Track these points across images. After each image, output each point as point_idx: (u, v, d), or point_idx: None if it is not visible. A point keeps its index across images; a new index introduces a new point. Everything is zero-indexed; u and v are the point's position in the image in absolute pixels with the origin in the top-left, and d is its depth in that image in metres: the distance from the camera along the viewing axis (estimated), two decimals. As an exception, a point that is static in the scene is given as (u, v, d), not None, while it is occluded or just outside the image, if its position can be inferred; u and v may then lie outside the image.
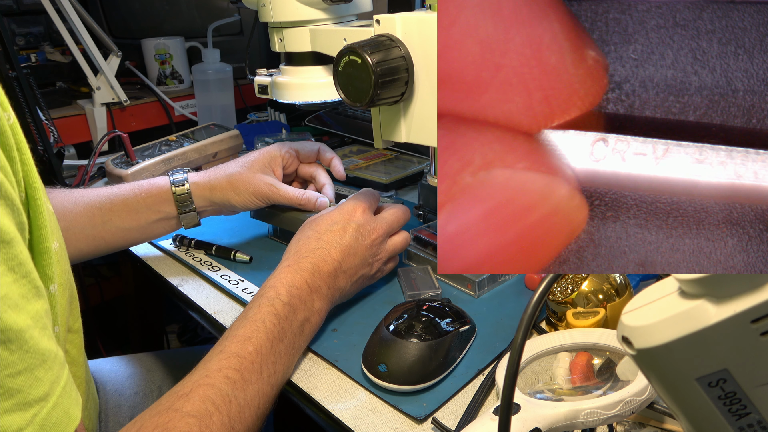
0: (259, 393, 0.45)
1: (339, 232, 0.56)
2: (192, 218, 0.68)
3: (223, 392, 0.43)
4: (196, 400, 0.41)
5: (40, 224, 0.37)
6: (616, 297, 0.50)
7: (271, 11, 0.60)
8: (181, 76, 1.26)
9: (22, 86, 0.91)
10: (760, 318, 0.22)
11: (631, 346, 0.25)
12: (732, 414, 0.24)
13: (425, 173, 0.78)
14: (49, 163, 0.94)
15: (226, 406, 0.42)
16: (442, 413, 0.46)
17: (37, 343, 0.32)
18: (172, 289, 0.67)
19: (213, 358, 0.45)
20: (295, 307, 0.50)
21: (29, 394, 0.31)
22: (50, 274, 0.38)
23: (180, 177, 0.67)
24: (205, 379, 0.43)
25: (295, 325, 0.50)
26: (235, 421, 0.42)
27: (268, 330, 0.47)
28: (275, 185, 0.67)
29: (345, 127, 1.10)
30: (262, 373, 0.46)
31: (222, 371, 0.44)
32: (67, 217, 0.64)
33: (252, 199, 0.67)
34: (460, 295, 0.62)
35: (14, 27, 1.23)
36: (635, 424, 0.44)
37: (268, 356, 0.47)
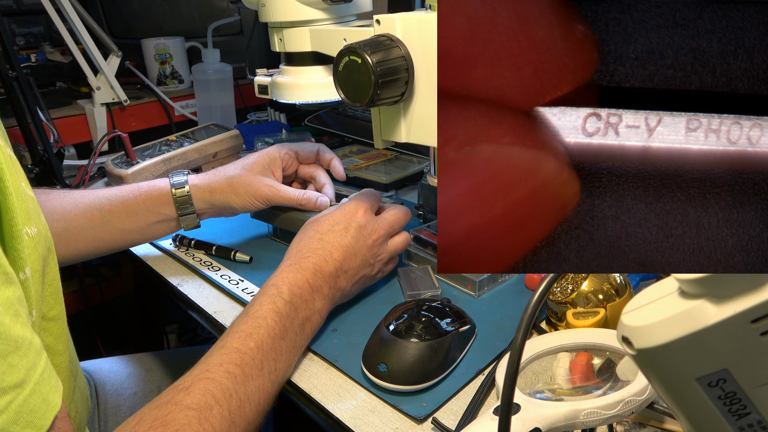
0: (260, 389, 0.45)
1: (340, 232, 0.56)
2: (192, 220, 0.68)
3: (224, 386, 0.43)
4: (197, 393, 0.42)
5: (10, 206, 0.36)
6: (616, 297, 0.50)
7: (271, 11, 0.60)
8: (181, 76, 1.26)
9: (22, 86, 0.91)
10: (760, 318, 0.22)
11: (631, 346, 0.25)
12: (732, 414, 0.24)
13: (425, 173, 0.78)
14: (49, 163, 0.94)
15: (227, 400, 0.42)
16: (442, 413, 0.46)
17: (9, 329, 0.32)
18: (172, 289, 0.67)
19: (214, 354, 0.46)
20: (296, 306, 0.50)
21: (3, 380, 0.31)
22: (22, 259, 0.38)
23: (180, 179, 0.67)
24: (206, 374, 0.43)
25: (296, 323, 0.50)
26: (236, 415, 0.42)
27: (269, 327, 0.48)
28: (275, 187, 0.67)
29: (345, 127, 1.10)
30: (263, 369, 0.46)
31: (223, 366, 0.44)
32: (67, 218, 0.64)
33: (252, 201, 0.67)
34: (460, 295, 0.62)
35: (14, 27, 1.23)
36: (635, 424, 0.44)
37: (269, 353, 0.47)
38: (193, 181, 0.67)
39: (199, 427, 0.40)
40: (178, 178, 0.67)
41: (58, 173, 0.96)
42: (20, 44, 1.24)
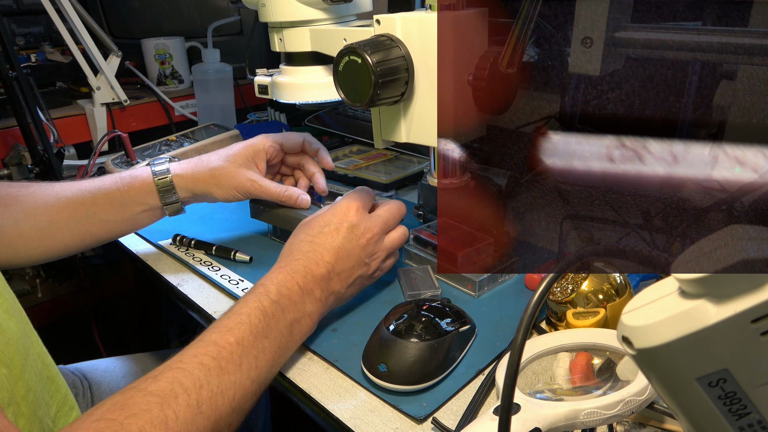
0: (236, 384, 0.44)
1: (331, 233, 0.55)
2: (176, 208, 0.68)
3: (195, 376, 0.42)
4: (163, 381, 0.41)
5: None
6: (616, 297, 0.50)
7: (271, 11, 0.60)
8: (181, 76, 1.26)
9: (22, 86, 0.91)
10: (760, 318, 0.22)
11: (631, 346, 0.25)
12: (732, 414, 0.24)
13: (425, 173, 0.78)
14: (49, 163, 0.95)
15: (196, 390, 0.41)
16: (442, 413, 0.46)
17: None
18: (172, 289, 0.67)
19: (192, 346, 0.45)
20: (283, 306, 0.50)
21: None
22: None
23: (162, 168, 0.67)
24: (177, 364, 0.43)
25: (282, 323, 0.49)
26: (205, 405, 0.41)
27: (252, 324, 0.47)
28: (257, 181, 0.67)
29: (345, 127, 1.10)
30: (242, 365, 0.45)
31: (197, 357, 0.44)
32: (50, 212, 0.64)
33: (234, 194, 0.67)
34: (460, 295, 0.62)
35: (14, 27, 1.23)
36: (635, 424, 0.44)
37: (249, 349, 0.46)
38: (175, 170, 0.67)
39: (159, 413, 0.39)
40: (160, 167, 0.67)
41: (58, 173, 0.96)
42: (20, 44, 1.24)
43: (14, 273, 1.25)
